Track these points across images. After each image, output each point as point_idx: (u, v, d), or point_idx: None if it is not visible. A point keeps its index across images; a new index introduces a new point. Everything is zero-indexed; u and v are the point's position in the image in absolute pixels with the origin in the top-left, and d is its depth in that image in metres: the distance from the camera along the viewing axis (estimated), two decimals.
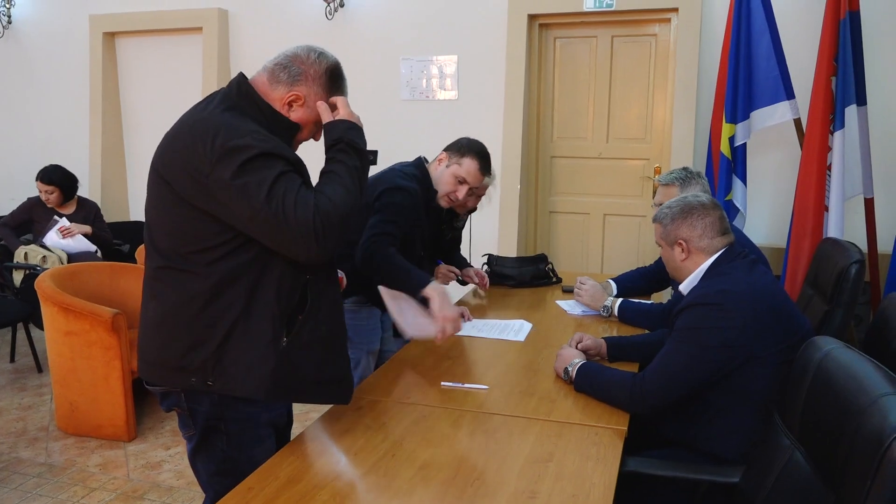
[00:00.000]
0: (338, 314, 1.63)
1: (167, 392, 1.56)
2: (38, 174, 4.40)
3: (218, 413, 1.54)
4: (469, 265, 2.98)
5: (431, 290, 2.00)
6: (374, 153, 4.22)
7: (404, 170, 2.40)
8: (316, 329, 1.55)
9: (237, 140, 1.39)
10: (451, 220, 2.77)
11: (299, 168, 1.48)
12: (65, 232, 4.33)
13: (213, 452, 1.58)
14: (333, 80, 1.58)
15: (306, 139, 1.65)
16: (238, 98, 1.53)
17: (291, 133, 1.59)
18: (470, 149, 2.39)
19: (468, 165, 2.37)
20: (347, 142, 1.52)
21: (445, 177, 2.38)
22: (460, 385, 1.92)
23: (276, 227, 1.38)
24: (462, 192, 2.40)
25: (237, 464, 1.56)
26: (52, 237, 4.33)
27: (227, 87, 1.57)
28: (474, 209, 2.75)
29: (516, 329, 2.47)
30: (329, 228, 1.40)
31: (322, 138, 1.59)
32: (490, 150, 2.50)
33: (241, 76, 1.57)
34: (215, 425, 1.55)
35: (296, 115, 1.57)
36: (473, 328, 2.46)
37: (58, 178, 4.40)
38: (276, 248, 1.43)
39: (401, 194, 2.28)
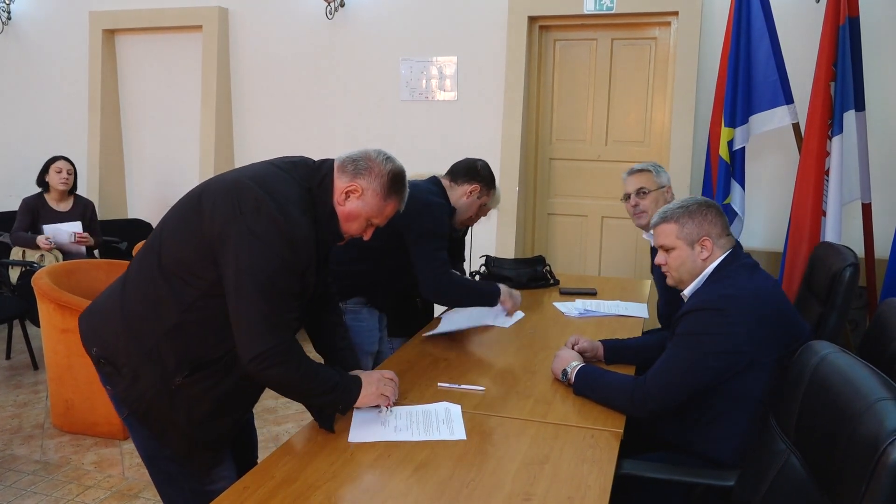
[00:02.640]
0: (242, 390, 1.65)
1: (102, 372, 1.63)
2: (53, 157, 4.36)
3: (146, 404, 1.59)
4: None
5: (504, 296, 2.43)
6: None
7: (429, 188, 2.45)
8: (214, 387, 1.60)
9: (285, 228, 1.47)
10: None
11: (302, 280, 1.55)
12: (80, 239, 4.29)
13: (144, 437, 1.65)
14: (394, 182, 1.64)
15: (356, 234, 1.68)
16: (318, 188, 1.61)
17: (334, 239, 1.66)
18: (493, 181, 2.57)
19: (493, 195, 2.61)
20: (338, 400, 1.63)
21: (475, 207, 2.54)
22: (457, 386, 1.91)
23: (240, 319, 1.48)
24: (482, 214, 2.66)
25: (163, 450, 1.63)
26: (58, 233, 4.25)
27: (319, 165, 1.65)
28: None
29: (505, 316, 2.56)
30: (268, 374, 1.49)
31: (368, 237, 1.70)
32: (489, 152, 2.57)
33: (330, 168, 1.63)
34: (136, 405, 1.60)
35: (351, 205, 1.62)
36: (453, 322, 2.42)
37: (73, 162, 4.42)
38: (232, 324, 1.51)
39: (436, 211, 2.38)
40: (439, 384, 1.93)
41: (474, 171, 2.51)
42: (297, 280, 1.53)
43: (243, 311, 1.47)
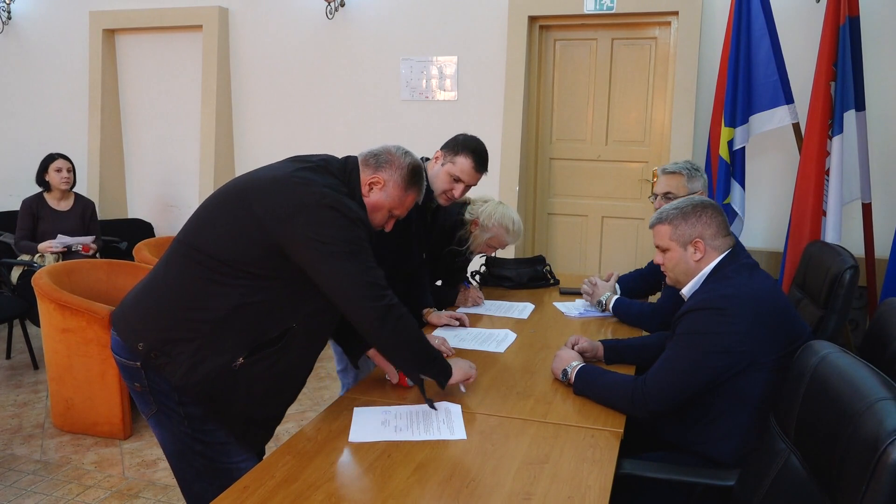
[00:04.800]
0: (299, 366, 1.71)
1: (131, 367, 1.63)
2: (52, 155, 4.34)
3: (176, 396, 1.60)
4: (469, 283, 2.98)
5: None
6: None
7: None
8: (273, 367, 1.63)
9: (343, 209, 1.55)
10: (464, 250, 2.74)
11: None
12: (85, 250, 4.29)
13: (173, 433, 1.65)
14: (413, 174, 1.74)
15: (379, 226, 1.76)
16: (348, 183, 1.69)
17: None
18: (465, 146, 2.32)
19: (462, 164, 2.31)
20: (442, 369, 1.75)
21: (441, 175, 2.33)
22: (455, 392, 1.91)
23: (346, 293, 1.54)
24: (458, 190, 2.34)
25: (194, 445, 1.64)
26: (67, 242, 4.24)
27: (345, 162, 1.72)
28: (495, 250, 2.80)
29: (499, 339, 2.37)
30: (395, 327, 1.57)
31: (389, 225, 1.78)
32: (489, 152, 2.47)
33: (355, 163, 1.72)
34: (173, 406, 1.61)
35: (374, 196, 1.71)
36: (455, 337, 2.35)
37: (70, 159, 4.40)
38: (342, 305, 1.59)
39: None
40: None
41: (448, 140, 2.36)
42: (370, 250, 1.59)
43: (344, 282, 1.53)
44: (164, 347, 1.59)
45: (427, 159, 2.43)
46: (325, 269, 1.53)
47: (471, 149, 2.33)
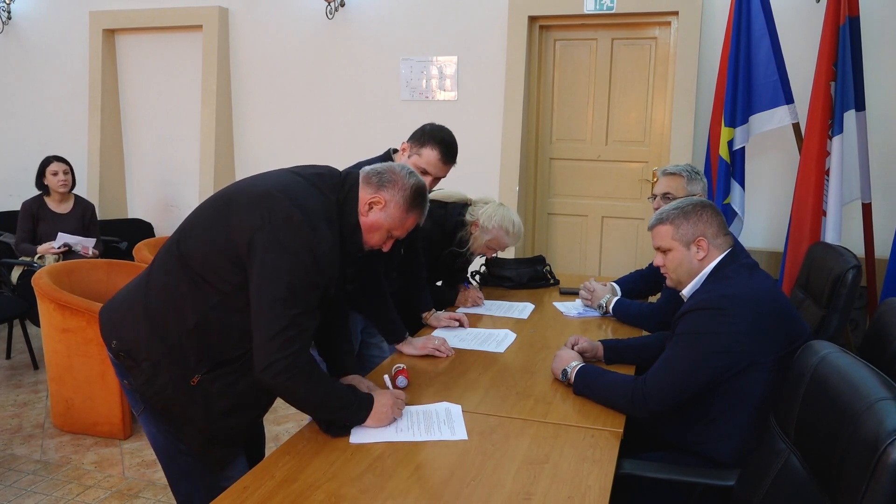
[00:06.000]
0: (260, 388, 1.62)
1: (121, 365, 1.64)
2: (48, 159, 4.32)
3: (164, 399, 1.61)
4: (469, 283, 2.97)
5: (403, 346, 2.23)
6: None
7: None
8: (233, 384, 1.62)
9: (313, 243, 1.49)
10: (465, 252, 2.73)
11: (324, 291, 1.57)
12: (84, 252, 4.28)
13: (160, 431, 1.66)
14: (417, 196, 1.67)
15: (376, 246, 1.71)
16: (344, 200, 1.63)
17: (356, 251, 1.69)
18: (431, 137, 2.21)
19: (428, 156, 2.20)
20: (346, 419, 1.63)
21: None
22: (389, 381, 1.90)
23: (259, 327, 1.48)
24: (426, 182, 2.19)
25: (179, 444, 1.65)
26: (71, 241, 4.25)
27: (344, 178, 1.67)
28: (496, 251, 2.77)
29: (499, 339, 2.38)
30: (279, 383, 1.49)
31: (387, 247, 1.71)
32: (489, 152, 2.44)
33: (356, 180, 1.66)
34: (154, 400, 1.62)
35: (373, 216, 1.65)
36: (455, 337, 2.37)
37: (67, 161, 4.39)
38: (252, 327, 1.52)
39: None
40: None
41: (415, 132, 2.25)
42: (319, 293, 1.55)
43: (263, 319, 1.48)
44: (131, 350, 1.60)
45: (395, 151, 2.37)
46: (255, 295, 1.49)
47: (437, 140, 2.21)
